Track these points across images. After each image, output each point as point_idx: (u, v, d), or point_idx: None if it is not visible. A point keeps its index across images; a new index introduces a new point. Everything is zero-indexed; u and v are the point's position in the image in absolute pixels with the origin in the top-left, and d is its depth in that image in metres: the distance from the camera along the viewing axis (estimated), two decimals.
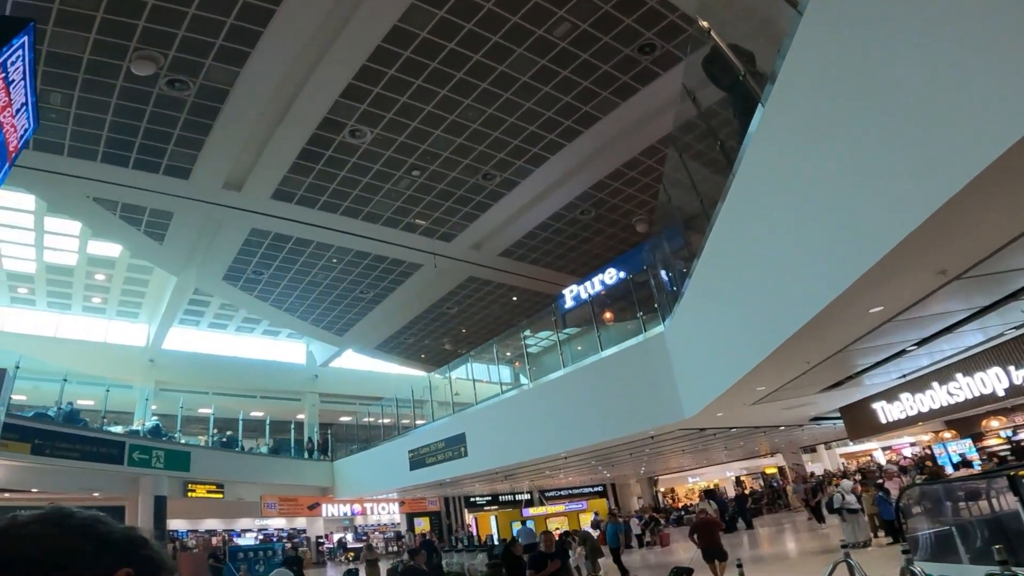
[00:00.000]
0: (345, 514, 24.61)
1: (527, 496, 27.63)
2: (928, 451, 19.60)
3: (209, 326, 25.22)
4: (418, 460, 17.13)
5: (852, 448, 40.22)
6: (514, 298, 19.18)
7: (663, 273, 11.36)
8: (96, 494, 17.25)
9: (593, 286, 14.39)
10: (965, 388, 9.72)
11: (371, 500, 25.16)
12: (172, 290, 20.33)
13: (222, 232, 16.09)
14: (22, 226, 17.91)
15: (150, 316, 23.50)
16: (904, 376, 9.85)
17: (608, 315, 13.91)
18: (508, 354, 15.84)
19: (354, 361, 27.77)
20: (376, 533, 24.40)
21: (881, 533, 12.03)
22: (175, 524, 23.01)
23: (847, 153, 4.01)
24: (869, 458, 35.86)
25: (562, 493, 28.77)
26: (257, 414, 24.64)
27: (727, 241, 6.93)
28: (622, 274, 14.21)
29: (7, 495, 17.88)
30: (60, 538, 0.79)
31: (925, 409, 10.78)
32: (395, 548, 21.99)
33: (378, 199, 15.19)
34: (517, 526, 27.17)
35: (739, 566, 6.88)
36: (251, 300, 19.79)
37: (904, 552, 5.16)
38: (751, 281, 6.42)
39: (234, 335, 26.19)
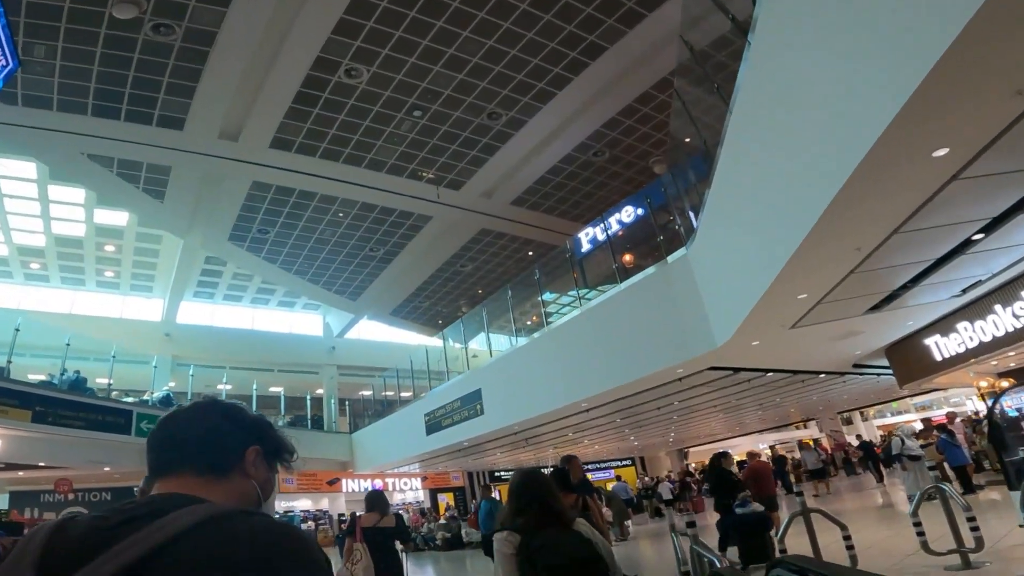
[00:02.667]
0: (366, 489, 24.13)
1: (552, 468, 26.87)
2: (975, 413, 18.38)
3: (224, 298, 24.94)
4: (434, 423, 16.39)
5: (889, 420, 38.82)
6: (530, 252, 18.34)
7: (685, 202, 10.37)
8: (106, 468, 16.83)
9: (610, 226, 13.39)
10: None
11: (393, 475, 24.58)
12: (180, 255, 19.95)
13: (223, 187, 15.56)
14: (27, 196, 17.70)
15: (164, 290, 23.28)
16: (963, 292, 8.67)
17: (628, 257, 12.95)
18: (528, 321, 14.90)
19: (371, 332, 27.33)
20: (401, 511, 23.84)
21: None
22: None
23: None
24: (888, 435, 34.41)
25: (589, 467, 27.99)
26: (275, 389, 24.27)
27: (747, 131, 6.02)
28: (640, 211, 13.17)
29: (21, 473, 17.77)
30: (209, 419, 1.14)
31: (988, 338, 9.55)
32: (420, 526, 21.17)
33: (380, 144, 14.47)
34: None
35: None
36: (259, 262, 19.24)
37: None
38: (780, 153, 5.46)
39: (249, 307, 25.89)
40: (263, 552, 0.86)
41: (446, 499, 25.51)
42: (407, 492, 25.75)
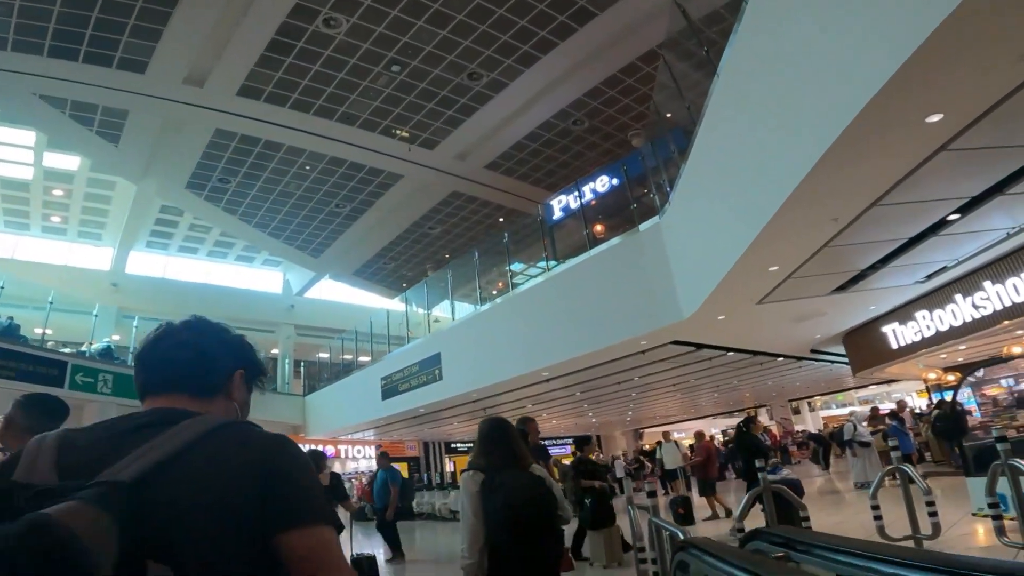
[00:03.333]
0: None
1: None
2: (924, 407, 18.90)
3: (179, 250, 24.09)
4: (391, 388, 16.10)
5: (834, 411, 40.20)
6: (500, 219, 18.07)
7: (663, 174, 10.21)
8: None
9: (583, 195, 13.21)
10: (994, 298, 8.68)
11: (346, 441, 24.21)
12: (133, 203, 19.01)
13: (183, 133, 14.95)
14: None
15: (115, 239, 22.26)
16: (927, 278, 8.77)
17: (599, 228, 12.81)
18: (493, 291, 14.61)
19: (333, 292, 26.80)
20: (351, 481, 23.46)
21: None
22: None
23: None
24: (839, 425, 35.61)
25: (547, 442, 28.12)
26: None
27: (735, 92, 5.96)
28: (615, 181, 13.03)
29: None
30: (203, 341, 1.17)
31: (945, 327, 9.75)
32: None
33: (354, 98, 14.04)
34: None
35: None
36: (218, 213, 18.62)
37: None
38: (767, 114, 5.41)
39: (206, 260, 25.05)
40: (270, 455, 1.01)
41: (400, 469, 25.25)
42: (360, 460, 25.45)
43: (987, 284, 8.77)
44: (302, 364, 24.55)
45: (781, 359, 13.75)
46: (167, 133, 14.86)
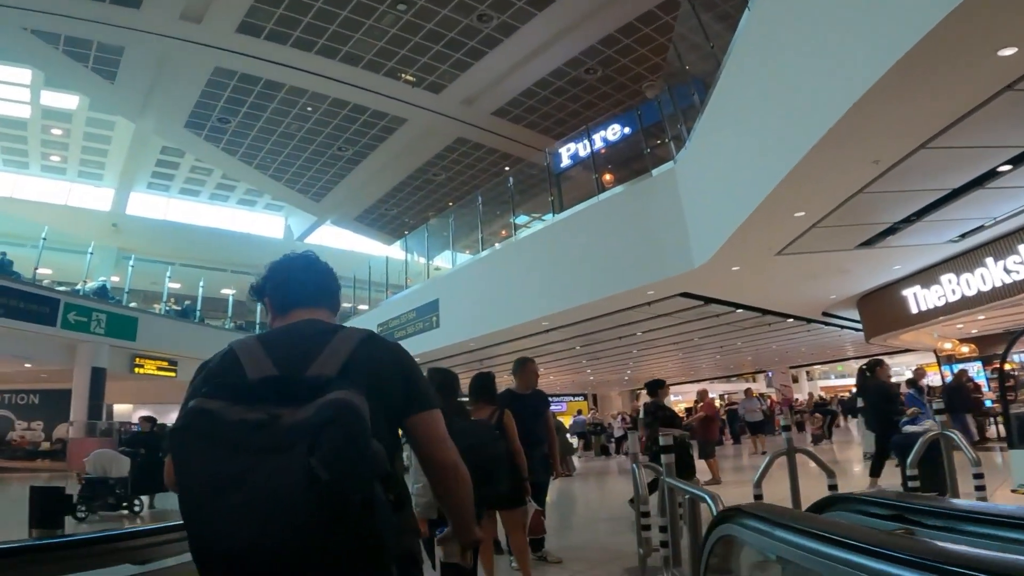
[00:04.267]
0: None
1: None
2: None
3: (180, 192, 23.57)
4: (387, 335, 15.46)
5: (833, 382, 39.79)
6: (506, 167, 17.33)
7: (680, 120, 9.47)
8: (27, 364, 15.56)
9: (593, 142, 12.46)
10: None
11: None
12: (131, 142, 18.32)
13: (182, 71, 14.27)
14: None
15: (115, 179, 21.64)
16: (961, 237, 8.10)
17: (608, 178, 12.10)
18: (496, 244, 13.89)
19: (335, 239, 26.20)
20: None
21: None
22: (120, 410, 21.92)
23: None
24: (848, 393, 34.74)
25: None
26: (227, 291, 23.03)
27: (772, 16, 5.38)
28: (627, 130, 12.27)
29: None
30: (331, 272, 1.52)
31: (972, 292, 9.12)
32: None
33: (358, 37, 13.25)
34: None
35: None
36: (217, 153, 17.99)
37: None
38: (808, 40, 4.80)
39: (207, 203, 24.55)
40: (406, 359, 1.34)
41: None
42: None
43: (1022, 248, 8.12)
44: None
45: (791, 320, 13.16)
46: (165, 71, 14.17)
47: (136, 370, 17.36)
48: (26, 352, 14.74)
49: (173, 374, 18.30)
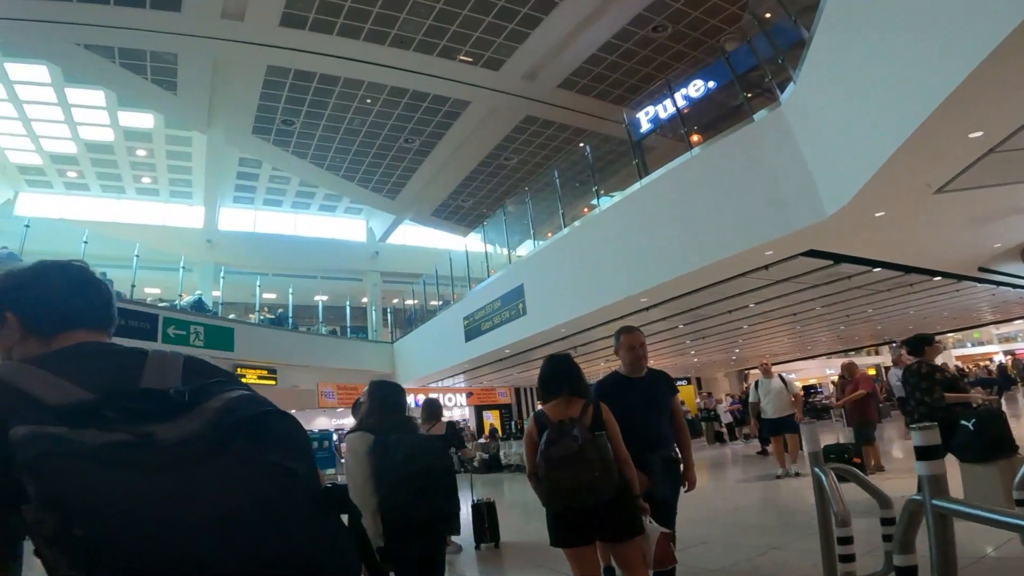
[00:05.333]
0: (410, 405, 23.02)
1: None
2: None
3: (264, 203, 23.77)
4: (473, 327, 14.73)
5: (970, 350, 35.29)
6: (581, 144, 15.91)
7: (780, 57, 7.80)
8: None
9: (675, 103, 10.89)
10: None
11: (437, 389, 23.40)
12: (207, 155, 18.55)
13: (237, 74, 13.89)
14: (46, 101, 16.51)
15: (202, 197, 22.13)
16: None
17: (696, 139, 10.49)
18: (577, 223, 12.56)
19: (415, 237, 25.88)
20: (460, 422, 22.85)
21: None
22: None
23: None
24: (989, 362, 30.54)
25: None
26: (319, 298, 23.16)
27: None
28: (712, 84, 10.62)
29: None
30: None
31: None
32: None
33: (404, 17, 12.23)
34: None
35: None
36: (288, 158, 17.65)
37: None
38: None
39: (291, 212, 24.71)
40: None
41: (492, 417, 24.33)
42: (453, 409, 24.81)
43: None
44: (389, 311, 23.87)
45: (938, 279, 11.00)
46: (221, 76, 13.90)
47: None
48: None
49: (273, 382, 18.34)
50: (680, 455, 3.54)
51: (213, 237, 22.53)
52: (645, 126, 11.99)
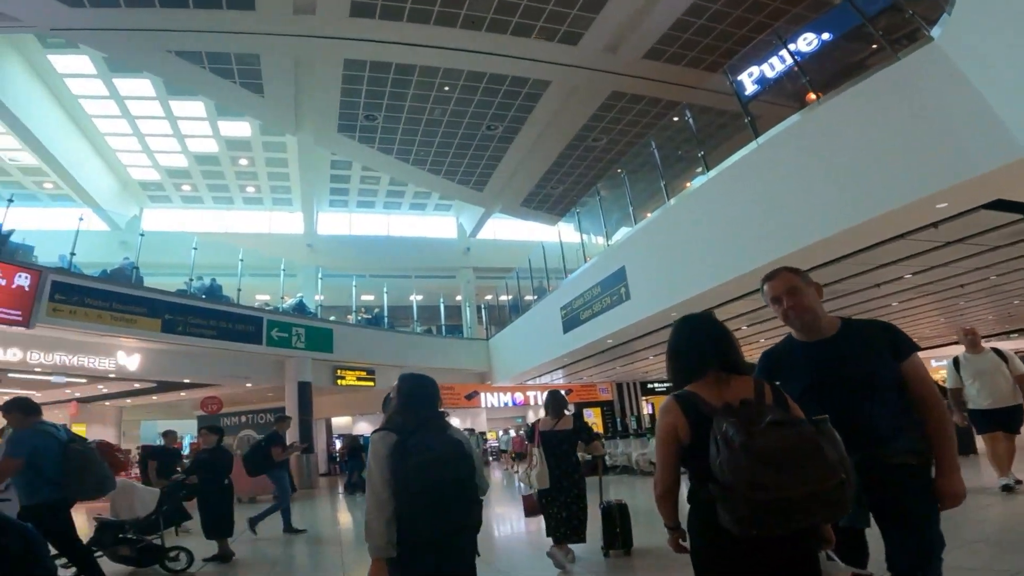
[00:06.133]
0: (506, 404, 22.19)
1: None
2: None
3: (358, 205, 24.16)
4: (572, 317, 13.55)
5: None
6: (675, 119, 14.30)
7: None
8: (248, 383, 16.31)
9: (783, 60, 9.16)
10: None
11: (533, 387, 22.39)
12: (299, 157, 18.86)
13: (316, 71, 13.76)
14: (155, 115, 17.48)
15: (300, 203, 22.67)
16: None
17: (812, 97, 8.73)
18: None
19: (506, 231, 25.38)
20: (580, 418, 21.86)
21: None
22: (339, 423, 22.70)
23: None
24: None
25: None
26: (413, 298, 22.96)
27: None
28: (827, 35, 8.80)
29: (183, 394, 17.88)
30: None
31: None
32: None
33: None
34: None
35: None
36: (374, 154, 17.42)
37: None
38: None
39: (383, 213, 24.92)
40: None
41: (593, 415, 22.94)
42: None
43: None
44: (483, 307, 23.21)
45: None
46: (302, 73, 13.82)
47: (338, 382, 17.44)
48: (244, 372, 15.40)
49: (372, 383, 18.19)
50: (926, 454, 2.17)
51: (313, 241, 23.04)
52: (750, 88, 10.38)
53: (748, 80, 10.55)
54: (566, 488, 5.19)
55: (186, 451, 15.54)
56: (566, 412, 5.54)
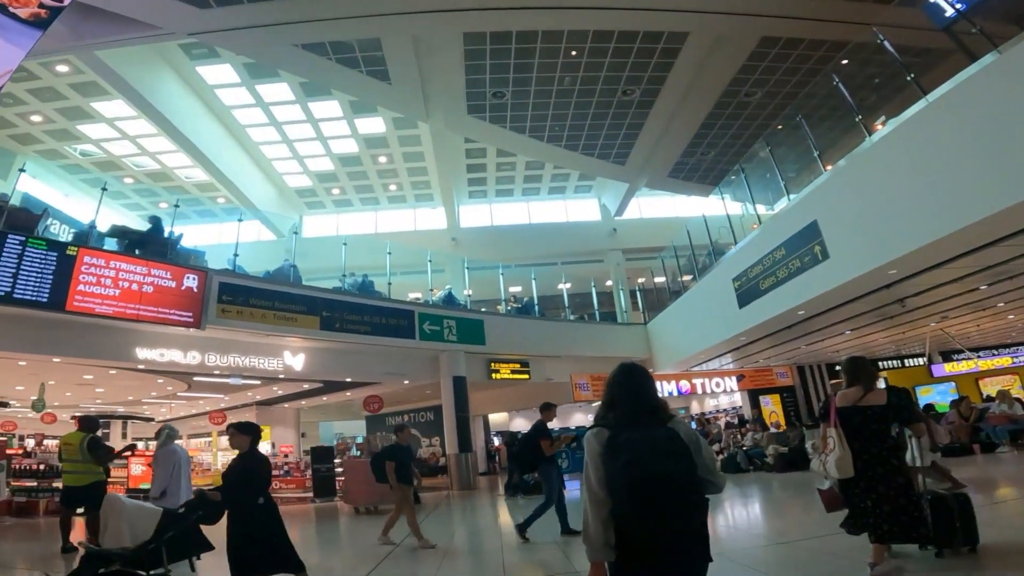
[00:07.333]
0: (670, 393, 20.30)
1: (923, 360, 19.74)
2: None
3: (496, 195, 23.66)
4: (749, 289, 11.53)
5: None
6: (844, 61, 11.79)
7: None
8: (405, 381, 16.07)
9: None
10: None
11: (700, 374, 20.14)
12: (434, 147, 18.53)
13: (437, 49, 13.25)
14: (297, 119, 17.96)
15: (440, 198, 22.71)
16: None
17: None
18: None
19: (652, 209, 23.59)
20: (714, 421, 19.65)
21: None
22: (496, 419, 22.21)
23: None
24: None
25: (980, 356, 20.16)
26: (561, 286, 21.94)
27: None
28: None
29: (348, 394, 18.31)
30: None
31: None
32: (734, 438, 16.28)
33: None
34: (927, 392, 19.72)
35: None
36: (507, 135, 16.66)
37: None
38: None
39: (523, 200, 24.24)
40: None
41: (771, 403, 20.21)
42: (720, 396, 21.39)
43: None
44: (638, 291, 21.50)
45: None
46: (423, 54, 13.32)
47: (492, 375, 16.81)
48: (401, 370, 15.29)
49: (527, 376, 17.30)
50: None
51: (457, 235, 22.93)
52: (949, 11, 8.02)
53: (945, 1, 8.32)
54: (881, 477, 4.05)
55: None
56: (877, 385, 4.24)
